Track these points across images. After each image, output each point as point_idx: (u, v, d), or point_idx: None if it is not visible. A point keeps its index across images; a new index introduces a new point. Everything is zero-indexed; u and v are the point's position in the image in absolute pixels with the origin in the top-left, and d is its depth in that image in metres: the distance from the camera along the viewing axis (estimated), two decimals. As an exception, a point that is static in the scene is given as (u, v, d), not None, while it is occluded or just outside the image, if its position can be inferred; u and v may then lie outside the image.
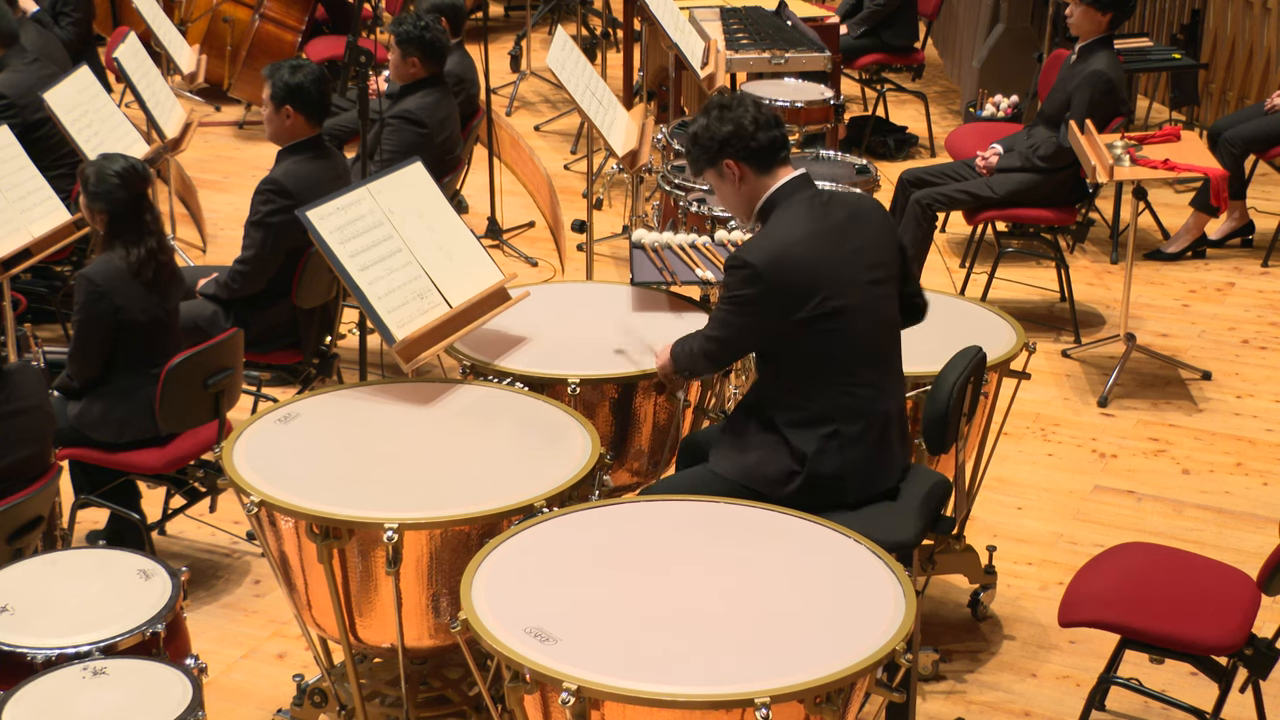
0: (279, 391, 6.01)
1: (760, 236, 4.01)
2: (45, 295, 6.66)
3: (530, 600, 3.40)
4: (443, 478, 3.94)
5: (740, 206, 4.12)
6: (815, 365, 3.96)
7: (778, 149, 4.03)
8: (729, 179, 4.06)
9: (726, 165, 4.03)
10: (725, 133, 4.01)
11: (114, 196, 4.82)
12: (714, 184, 4.13)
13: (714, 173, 4.08)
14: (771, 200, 4.04)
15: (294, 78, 5.54)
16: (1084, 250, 7.74)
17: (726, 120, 4.02)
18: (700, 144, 4.06)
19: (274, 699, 4.48)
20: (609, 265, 7.50)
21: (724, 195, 4.13)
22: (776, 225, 4.00)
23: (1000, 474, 5.61)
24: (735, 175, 4.04)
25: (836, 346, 3.95)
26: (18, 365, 4.39)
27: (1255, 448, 5.96)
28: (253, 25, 9.53)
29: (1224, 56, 9.11)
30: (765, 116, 4.02)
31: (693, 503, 3.84)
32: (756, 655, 3.25)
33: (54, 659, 3.55)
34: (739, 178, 4.04)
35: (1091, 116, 6.51)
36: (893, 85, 9.40)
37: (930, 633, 4.72)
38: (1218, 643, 3.94)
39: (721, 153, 4.02)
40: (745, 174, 4.03)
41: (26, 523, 4.23)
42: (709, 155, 4.05)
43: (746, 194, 4.06)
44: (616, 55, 10.41)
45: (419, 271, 4.49)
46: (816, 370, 3.96)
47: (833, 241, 3.97)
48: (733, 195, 4.10)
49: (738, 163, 4.02)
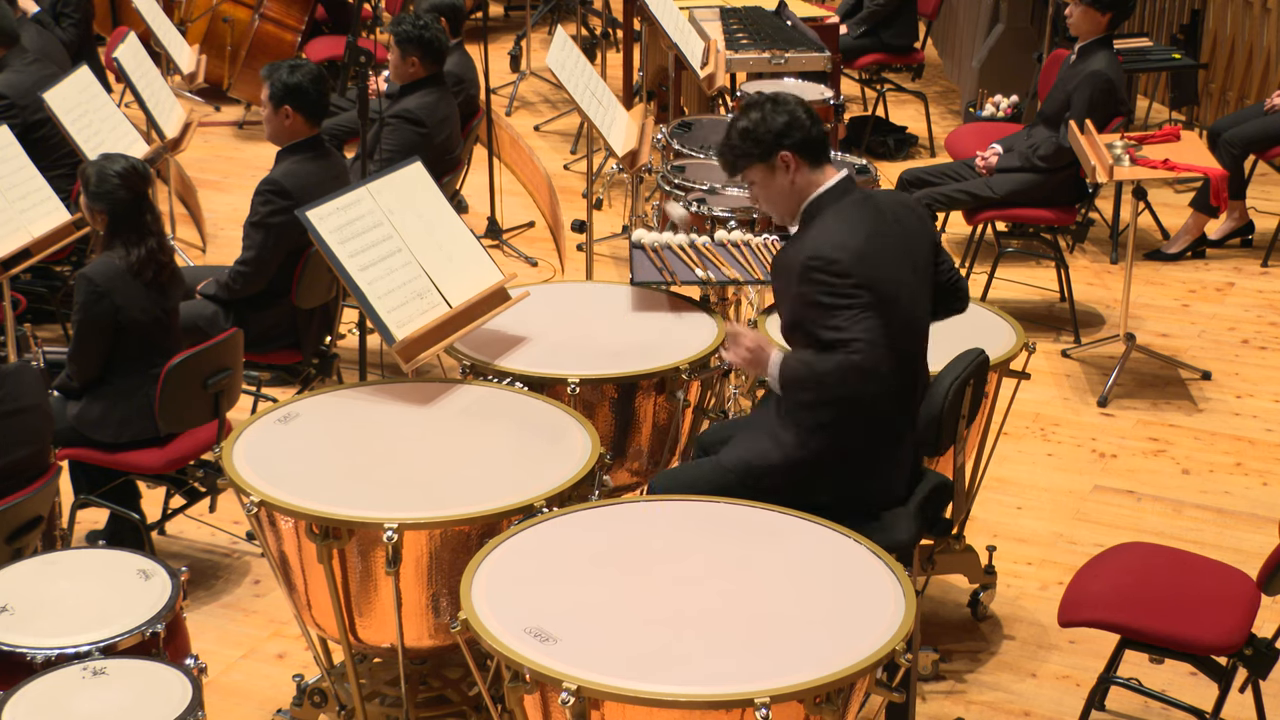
0: (279, 391, 6.01)
1: (825, 233, 3.93)
2: (45, 295, 6.66)
3: (530, 600, 3.40)
4: (442, 478, 3.94)
5: (787, 203, 4.04)
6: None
7: (827, 144, 4.02)
8: (781, 172, 3.98)
9: (782, 157, 3.97)
10: (781, 124, 3.95)
11: (115, 197, 4.82)
12: (760, 179, 4.02)
13: (764, 167, 3.99)
14: (821, 200, 3.99)
15: (292, 77, 5.54)
16: (1084, 250, 7.74)
17: (781, 111, 3.97)
18: (754, 136, 3.97)
19: (274, 699, 4.48)
20: (609, 265, 7.50)
21: (771, 192, 4.03)
22: (836, 224, 3.94)
23: (1000, 474, 5.61)
24: (790, 168, 3.97)
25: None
26: (17, 365, 4.39)
27: (1255, 448, 5.96)
28: (252, 25, 9.53)
29: (1224, 56, 9.11)
30: (814, 112, 4.01)
31: (693, 503, 3.84)
32: (756, 655, 3.25)
33: (54, 659, 3.55)
34: (793, 171, 3.98)
35: (1091, 116, 6.51)
36: (892, 85, 9.40)
37: (930, 633, 4.72)
38: (1217, 643, 3.94)
39: (778, 144, 3.95)
40: (800, 167, 3.98)
41: (26, 523, 4.23)
42: (764, 147, 3.96)
43: (797, 189, 3.99)
44: (616, 55, 10.41)
45: (419, 271, 4.49)
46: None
47: (887, 240, 3.97)
48: (782, 191, 4.01)
49: (795, 154, 3.96)
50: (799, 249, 3.95)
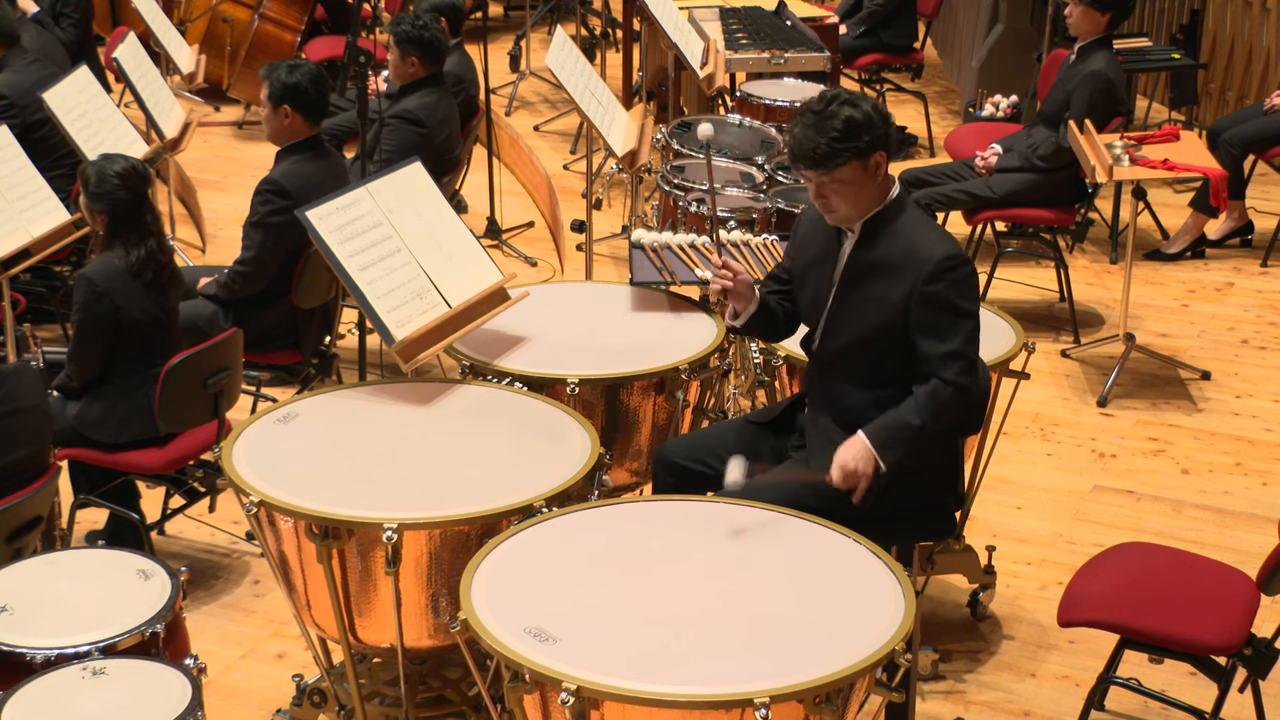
0: (278, 391, 6.01)
1: (932, 234, 3.90)
2: (45, 295, 6.66)
3: (530, 600, 3.40)
4: (442, 477, 3.94)
5: (864, 204, 3.89)
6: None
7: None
8: (871, 172, 3.85)
9: (877, 157, 3.84)
10: (883, 122, 3.83)
11: (115, 197, 4.82)
12: (851, 178, 3.83)
13: (858, 165, 3.81)
14: (900, 201, 3.92)
15: (291, 77, 5.54)
16: (1083, 250, 7.74)
17: (881, 110, 3.84)
18: (864, 129, 3.78)
19: (273, 699, 4.48)
20: (608, 265, 7.50)
21: (853, 190, 3.85)
22: (927, 227, 3.92)
23: (1000, 474, 5.61)
24: (880, 169, 3.87)
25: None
26: (17, 365, 4.39)
27: (1255, 448, 5.96)
28: (252, 25, 9.53)
29: (1223, 56, 9.11)
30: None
31: (692, 503, 3.84)
32: (756, 655, 3.25)
33: (53, 659, 3.55)
34: (883, 170, 3.89)
35: (1090, 116, 6.51)
36: (892, 85, 9.40)
37: (930, 633, 4.72)
38: (1217, 643, 3.94)
39: (883, 142, 3.82)
40: (886, 168, 3.90)
41: (25, 523, 4.23)
42: (870, 143, 3.80)
43: (881, 190, 3.90)
44: (616, 55, 10.41)
45: (418, 271, 4.49)
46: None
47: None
48: (865, 191, 3.87)
49: (886, 156, 3.87)
50: (909, 250, 3.85)
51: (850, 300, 3.98)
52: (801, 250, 4.16)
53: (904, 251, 3.88)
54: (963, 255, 3.86)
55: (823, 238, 4.06)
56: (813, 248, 4.10)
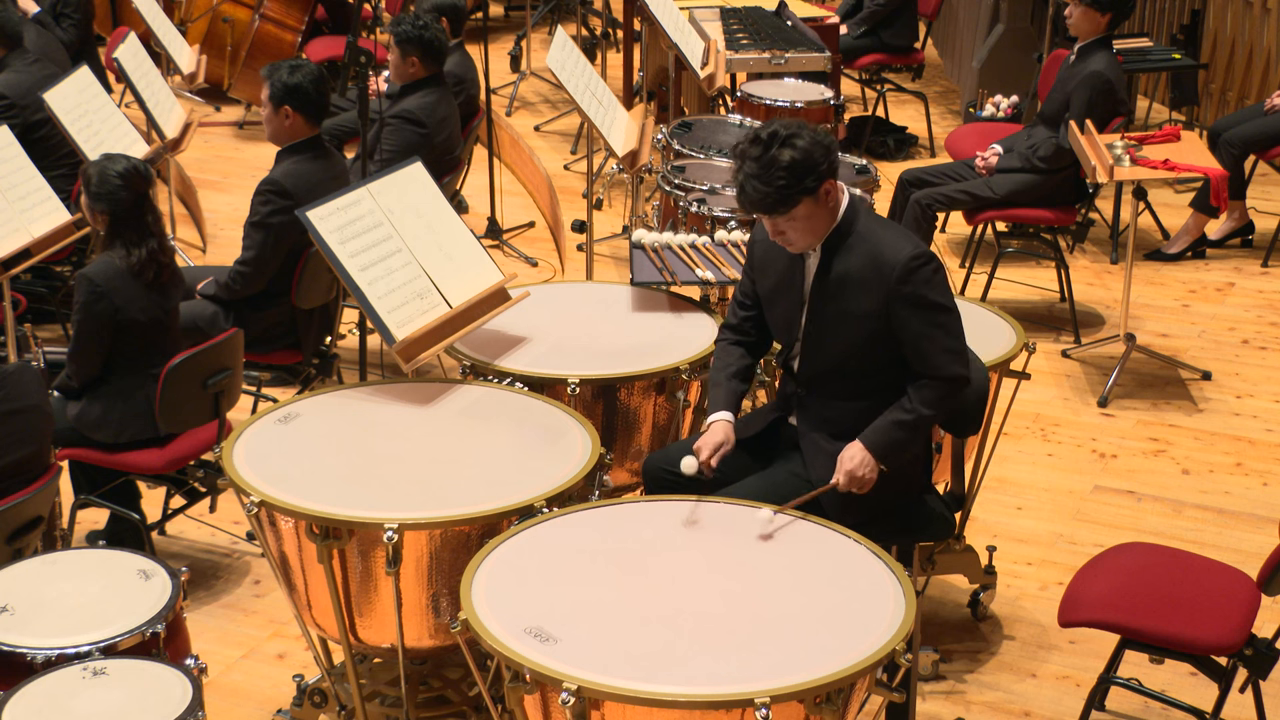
0: (279, 392, 6.01)
1: (893, 235, 3.88)
2: (45, 295, 6.66)
3: (530, 600, 3.40)
4: (442, 478, 3.94)
5: (820, 229, 3.86)
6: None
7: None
8: (823, 201, 3.81)
9: (827, 185, 3.80)
10: (821, 150, 3.74)
11: (116, 197, 4.82)
12: (806, 213, 3.79)
13: (810, 200, 3.77)
14: (853, 210, 3.88)
15: (292, 78, 5.54)
16: (1084, 250, 7.74)
17: (819, 137, 3.76)
18: (808, 168, 3.73)
19: (274, 699, 4.48)
20: (609, 265, 7.50)
21: (813, 223, 3.83)
22: (886, 228, 3.90)
23: (1000, 474, 5.61)
24: (832, 194, 3.83)
25: None
26: (17, 365, 4.39)
27: (1255, 448, 5.96)
28: (252, 25, 9.53)
29: (1224, 56, 9.11)
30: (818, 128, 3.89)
31: (692, 502, 3.84)
32: (756, 655, 3.25)
33: (54, 659, 3.55)
34: (833, 195, 3.84)
35: (1090, 117, 6.51)
36: (892, 85, 9.40)
37: (930, 633, 4.72)
38: (1217, 643, 3.94)
39: (829, 172, 3.77)
40: (837, 191, 3.86)
41: (26, 523, 4.24)
42: (816, 176, 3.75)
43: (831, 211, 3.86)
44: (616, 55, 10.41)
45: (419, 271, 4.49)
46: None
47: None
48: (821, 219, 3.84)
49: (835, 180, 3.82)
50: (873, 258, 3.84)
51: (825, 317, 3.95)
52: (762, 273, 4.11)
53: (868, 260, 3.86)
54: (927, 252, 3.85)
55: (784, 259, 4.01)
56: (774, 269, 4.06)
